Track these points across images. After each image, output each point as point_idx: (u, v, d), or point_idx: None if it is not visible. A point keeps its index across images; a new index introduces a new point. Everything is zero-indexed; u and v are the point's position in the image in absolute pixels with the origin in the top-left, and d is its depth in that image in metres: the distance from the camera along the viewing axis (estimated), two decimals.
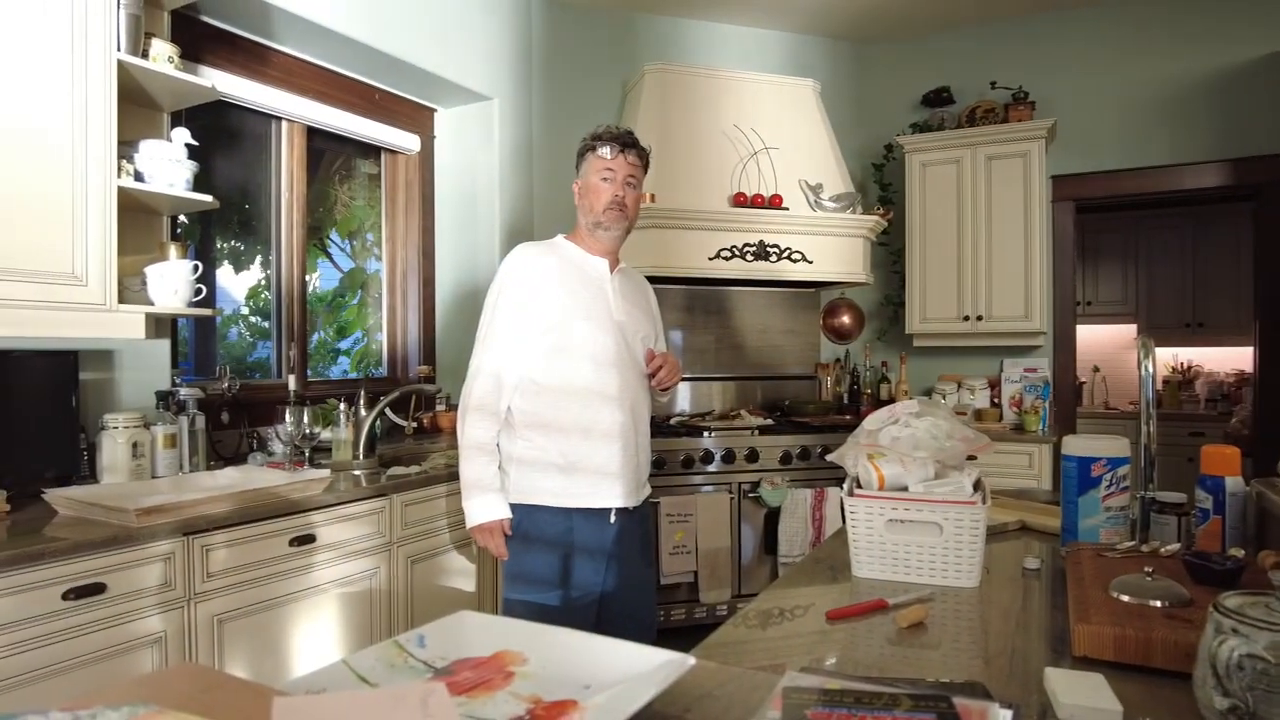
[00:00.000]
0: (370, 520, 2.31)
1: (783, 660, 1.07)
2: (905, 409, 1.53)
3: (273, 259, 3.12)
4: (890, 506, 1.37)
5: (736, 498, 3.45)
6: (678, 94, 3.87)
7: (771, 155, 3.82)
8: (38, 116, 1.84)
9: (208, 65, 2.69)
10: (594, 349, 1.96)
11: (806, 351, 4.44)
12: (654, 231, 3.55)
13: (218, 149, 2.87)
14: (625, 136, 2.03)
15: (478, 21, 3.51)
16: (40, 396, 2.06)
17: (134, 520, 1.74)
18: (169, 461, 2.24)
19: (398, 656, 0.69)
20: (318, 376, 3.31)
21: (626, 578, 2.01)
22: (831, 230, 3.82)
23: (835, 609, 1.22)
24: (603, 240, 2.04)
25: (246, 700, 0.53)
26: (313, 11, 2.75)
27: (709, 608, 3.38)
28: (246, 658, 1.98)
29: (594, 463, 1.95)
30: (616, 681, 0.65)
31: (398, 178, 3.68)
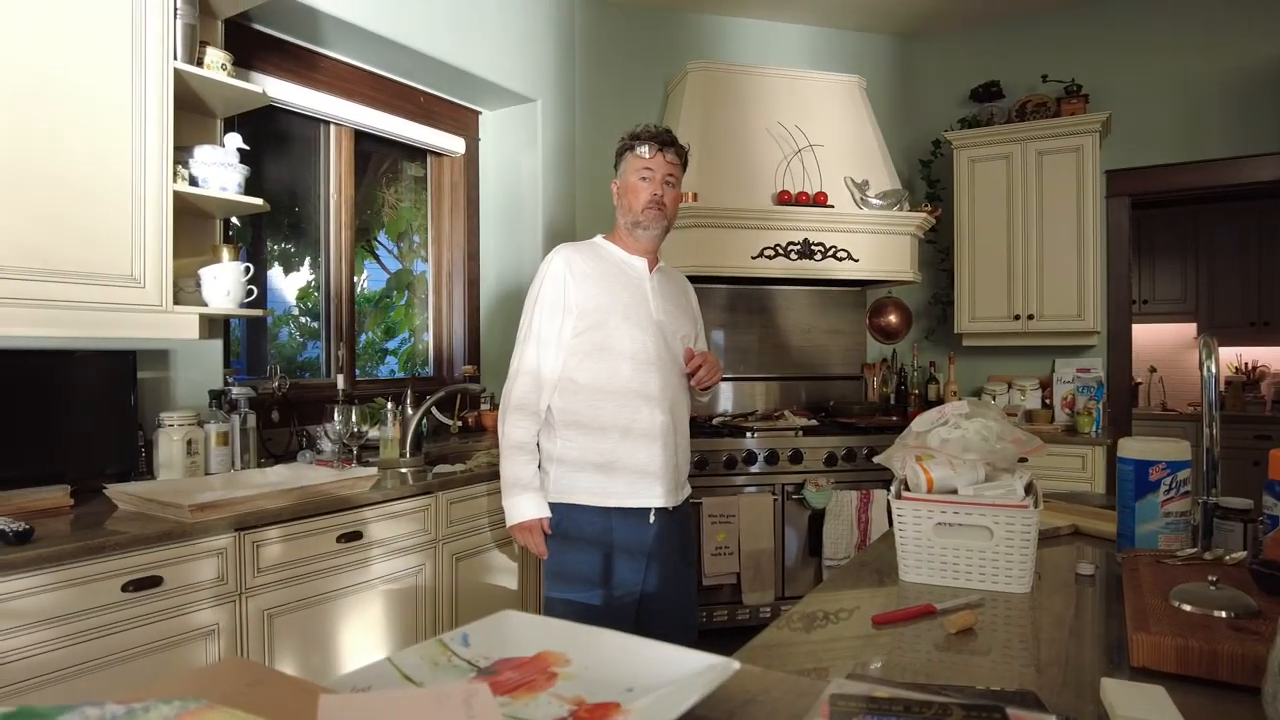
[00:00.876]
0: (416, 518, 2.34)
1: (827, 664, 1.05)
2: (955, 410, 1.50)
3: (322, 260, 3.18)
4: (939, 509, 1.34)
5: (780, 499, 3.42)
6: (720, 92, 3.85)
7: (816, 153, 3.78)
8: (100, 124, 1.90)
9: (259, 71, 2.76)
10: (633, 348, 1.96)
11: (852, 351, 4.38)
12: (696, 230, 3.54)
13: (268, 153, 2.93)
14: (663, 135, 2.02)
15: (521, 23, 3.53)
16: (101, 395, 2.13)
17: (188, 516, 1.79)
18: (222, 459, 2.30)
19: (442, 655, 0.70)
20: (366, 376, 3.37)
21: (667, 578, 2.01)
22: (878, 228, 3.76)
23: (882, 613, 1.20)
24: (642, 240, 2.04)
25: (292, 696, 0.54)
26: (360, 17, 2.80)
27: (752, 610, 3.36)
28: (295, 652, 2.02)
29: (633, 462, 1.95)
30: (659, 684, 0.65)
31: (443, 180, 3.73)
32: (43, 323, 1.81)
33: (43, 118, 1.80)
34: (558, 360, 1.97)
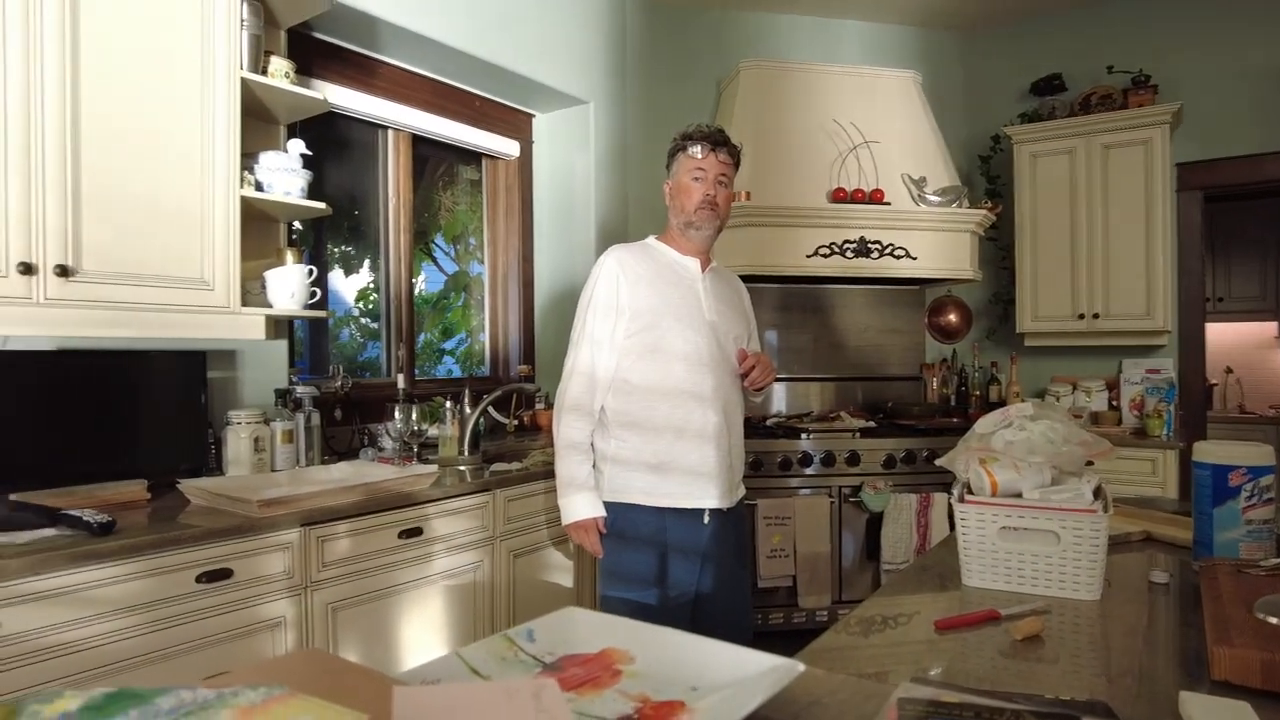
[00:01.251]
0: (474, 515, 2.37)
1: (888, 669, 1.04)
2: (1019, 411, 1.47)
3: (381, 263, 3.25)
4: (1004, 513, 1.31)
5: (837, 502, 3.38)
6: (774, 90, 3.82)
7: (872, 149, 3.73)
8: (172, 133, 1.98)
9: (320, 79, 2.83)
10: (685, 349, 1.96)
11: (910, 351, 4.30)
12: (750, 230, 3.52)
13: (329, 158, 3.01)
14: (716, 135, 2.02)
15: (574, 26, 3.56)
16: (174, 394, 2.21)
17: (256, 511, 1.84)
18: (287, 456, 2.37)
19: (508, 650, 0.71)
20: (424, 375, 3.43)
21: (722, 579, 2.00)
22: (936, 225, 3.69)
23: (944, 618, 1.18)
24: (694, 240, 2.04)
25: (365, 687, 0.55)
26: (418, 23, 2.85)
27: (808, 612, 3.32)
28: (358, 644, 2.06)
29: (687, 463, 1.95)
30: (724, 684, 0.65)
31: (498, 183, 3.77)
32: (121, 324, 1.89)
33: (121, 129, 1.88)
34: (611, 361, 1.98)
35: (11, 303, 1.71)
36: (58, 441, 1.97)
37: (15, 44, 1.70)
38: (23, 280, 1.72)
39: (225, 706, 0.44)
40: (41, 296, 1.75)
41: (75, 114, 1.80)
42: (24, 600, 1.49)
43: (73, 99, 1.79)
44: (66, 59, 1.78)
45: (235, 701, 0.44)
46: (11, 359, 1.91)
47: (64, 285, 1.78)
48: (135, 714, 0.44)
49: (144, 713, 0.44)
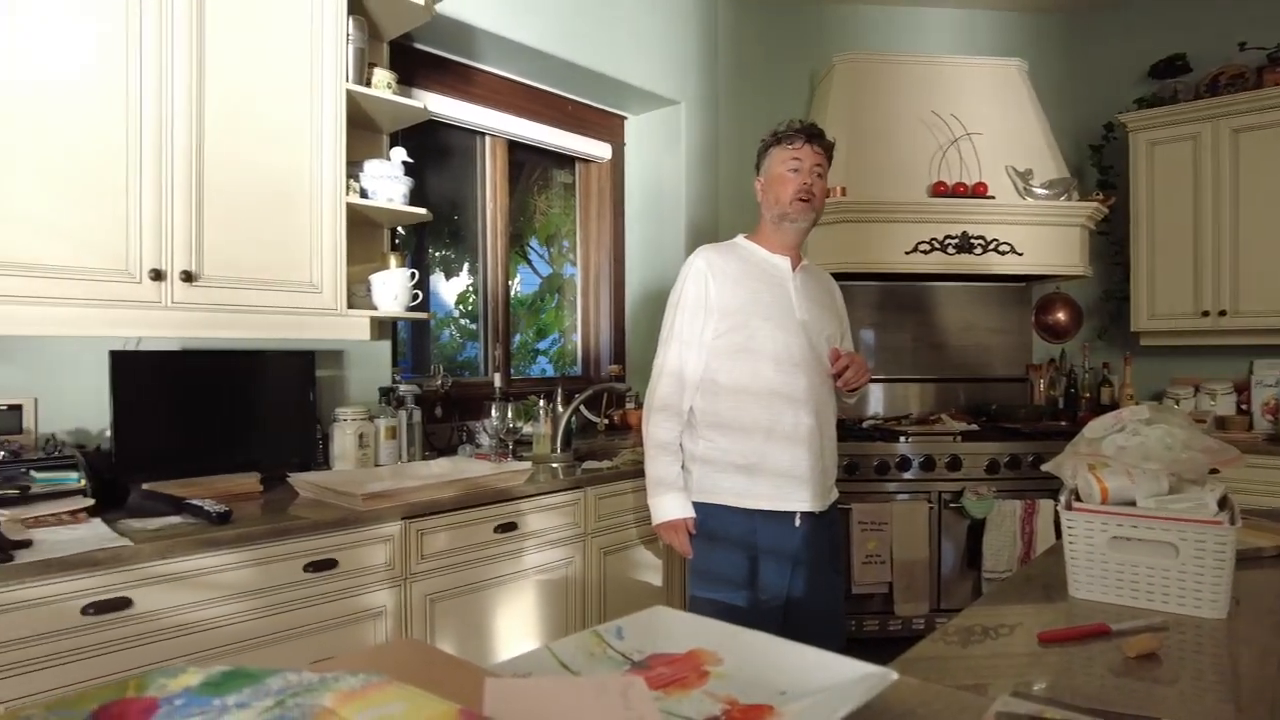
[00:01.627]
0: (566, 511, 2.41)
1: (986, 681, 1.00)
2: (1133, 415, 1.38)
3: (479, 266, 3.35)
4: (1115, 522, 1.24)
5: (936, 507, 3.27)
6: (870, 83, 3.73)
7: (974, 141, 3.59)
8: (283, 145, 2.09)
9: (420, 88, 2.93)
10: (775, 349, 1.93)
11: (1016, 351, 4.12)
12: (845, 226, 3.45)
13: (430, 165, 3.11)
14: (811, 127, 1.99)
15: (665, 26, 3.57)
16: (286, 391, 2.33)
17: (360, 504, 1.93)
18: (390, 451, 2.46)
19: (597, 646, 0.72)
20: (519, 375, 3.51)
21: (814, 583, 1.97)
22: (1043, 219, 3.52)
23: (1049, 630, 1.13)
24: (787, 233, 2.01)
25: (460, 677, 0.57)
26: (514, 31, 2.92)
27: (904, 620, 3.23)
28: (454, 635, 2.13)
29: (777, 465, 1.93)
30: (813, 690, 0.64)
31: (590, 185, 3.82)
32: (238, 325, 2.01)
33: (238, 143, 2.00)
34: (700, 361, 1.98)
35: (143, 306, 1.84)
36: (182, 435, 2.11)
37: (150, 72, 1.84)
38: (153, 285, 1.85)
39: (327, 690, 0.46)
40: (169, 300, 1.88)
41: (200, 131, 1.92)
42: (153, 582, 1.60)
43: (197, 118, 1.92)
44: (193, 82, 1.91)
45: (337, 686, 0.46)
46: (143, 359, 2.06)
47: (188, 289, 1.90)
48: (248, 692, 0.47)
49: (255, 691, 0.47)
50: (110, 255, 1.80)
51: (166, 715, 0.44)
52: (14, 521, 1.61)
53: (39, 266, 1.70)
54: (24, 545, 1.53)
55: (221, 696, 0.46)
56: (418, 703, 0.45)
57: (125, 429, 1.97)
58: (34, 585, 1.46)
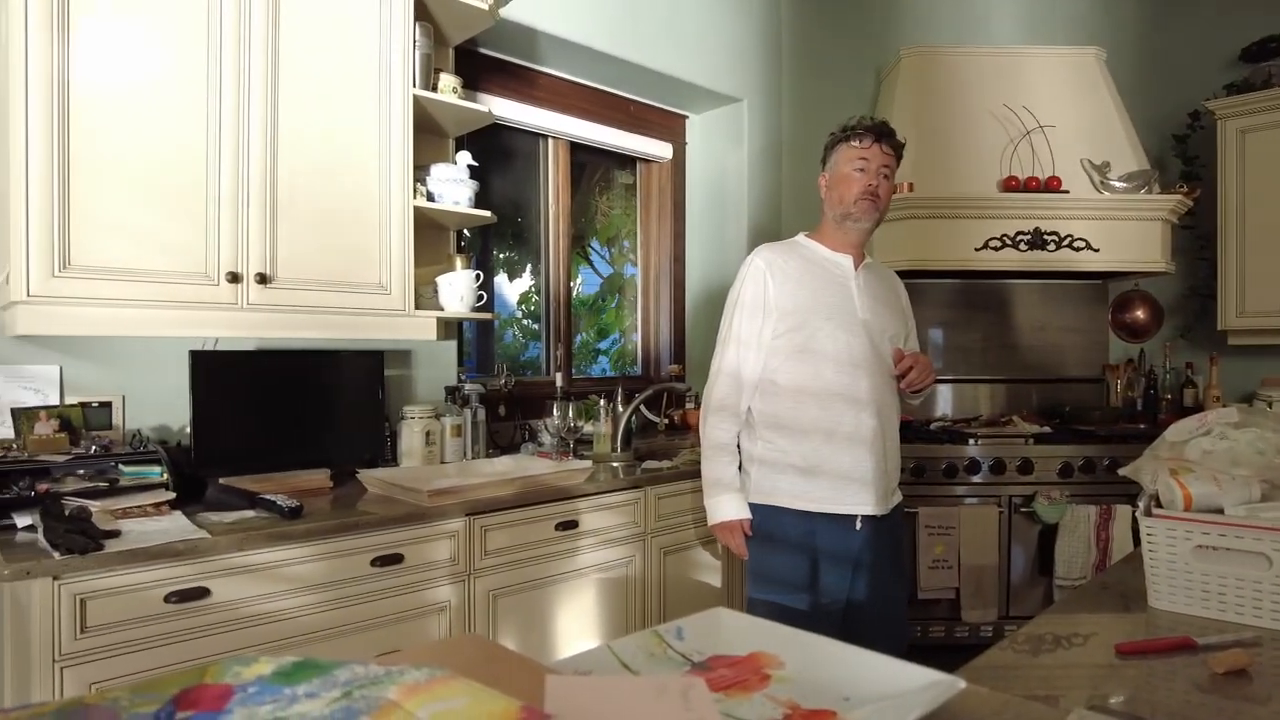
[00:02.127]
0: (626, 510, 2.42)
1: (1059, 692, 0.97)
2: (1220, 418, 1.32)
3: (542, 267, 3.39)
4: (1200, 531, 1.18)
5: (1006, 511, 3.17)
6: (937, 76, 3.64)
7: (1047, 134, 3.47)
8: (352, 151, 2.15)
9: (484, 92, 2.98)
10: (836, 350, 1.90)
11: (1091, 351, 3.97)
12: (912, 222, 3.37)
13: (493, 168, 3.16)
14: (880, 126, 1.95)
15: (727, 23, 3.55)
16: (356, 390, 2.39)
17: (426, 500, 1.97)
18: (455, 449, 2.51)
19: (657, 646, 0.72)
20: (580, 374, 3.54)
21: (876, 588, 1.93)
22: (1121, 213, 3.38)
23: (1127, 642, 1.08)
24: (850, 233, 1.98)
25: (521, 674, 0.57)
26: (577, 33, 2.95)
27: (971, 627, 3.14)
28: (515, 631, 2.16)
29: (838, 467, 1.89)
30: (877, 696, 0.62)
31: (652, 185, 3.83)
32: (310, 326, 2.07)
33: (310, 150, 2.06)
34: (758, 362, 1.96)
35: (221, 308, 1.92)
36: (257, 432, 2.18)
37: (229, 84, 1.91)
38: (230, 288, 1.92)
39: (393, 683, 0.47)
40: (245, 302, 1.95)
41: (274, 139, 1.99)
42: (229, 573, 1.66)
43: (271, 126, 1.99)
44: (268, 92, 1.98)
45: (402, 679, 0.47)
46: (221, 358, 2.14)
47: (263, 291, 1.97)
48: (317, 682, 0.48)
49: (324, 682, 0.48)
50: (190, 259, 1.87)
51: (241, 702, 0.46)
52: (104, 512, 1.69)
53: (128, 271, 1.79)
54: (113, 535, 1.60)
55: (292, 686, 0.48)
56: (480, 698, 0.45)
57: (203, 425, 2.05)
58: (122, 573, 1.54)
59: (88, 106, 1.74)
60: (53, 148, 1.69)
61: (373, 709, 0.45)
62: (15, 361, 1.94)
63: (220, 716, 0.45)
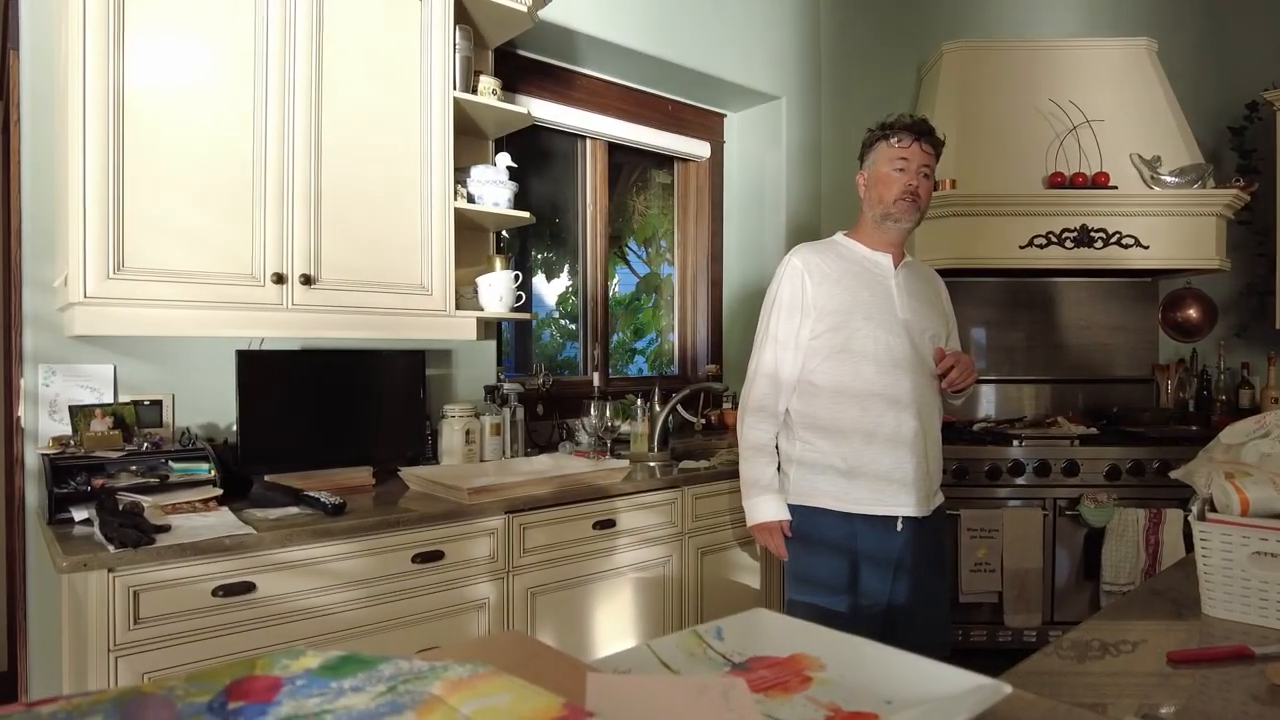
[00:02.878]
0: (664, 510, 2.42)
1: (1107, 700, 0.94)
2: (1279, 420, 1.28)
3: (579, 267, 3.40)
4: (1257, 536, 1.15)
5: (1051, 514, 3.11)
6: (981, 71, 3.58)
7: (1095, 129, 3.39)
8: (394, 153, 2.18)
9: (523, 94, 3.00)
10: (876, 350, 1.88)
11: (1141, 351, 3.87)
12: (955, 220, 3.32)
13: (532, 169, 3.18)
14: (920, 124, 1.92)
15: (765, 20, 3.53)
16: (397, 389, 2.43)
17: (466, 498, 1.99)
18: (494, 447, 2.53)
19: (697, 646, 0.72)
20: (617, 374, 3.54)
21: (917, 590, 1.91)
22: (1173, 209, 3.29)
23: (1180, 650, 1.05)
24: (889, 233, 1.95)
25: (562, 672, 0.58)
26: (615, 34, 2.95)
27: (1015, 632, 3.09)
28: (553, 628, 2.17)
29: (878, 468, 1.87)
30: (920, 700, 0.61)
31: (689, 185, 3.82)
32: (353, 326, 2.11)
33: (353, 153, 2.10)
34: (796, 362, 1.94)
35: (266, 308, 1.96)
36: (301, 429, 2.22)
37: (275, 88, 1.95)
38: (275, 289, 1.96)
39: (437, 678, 0.48)
40: (289, 303, 1.98)
41: (317, 142, 2.03)
42: (275, 568, 1.70)
43: (315, 129, 2.02)
44: (312, 95, 2.01)
45: (445, 674, 0.48)
46: (266, 358, 2.18)
47: (307, 292, 2.01)
48: (362, 677, 0.49)
49: (369, 676, 0.49)
50: (237, 261, 1.92)
51: (289, 694, 0.47)
52: (156, 508, 1.74)
53: (178, 273, 1.83)
54: (164, 530, 1.65)
55: (338, 680, 0.48)
56: (523, 694, 0.46)
57: (249, 424, 2.10)
58: (172, 567, 1.58)
59: (140, 114, 1.79)
60: (108, 155, 1.74)
61: (417, 704, 0.46)
62: (73, 361, 2.01)
63: (269, 708, 0.46)
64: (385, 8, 2.15)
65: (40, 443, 1.94)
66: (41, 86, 1.97)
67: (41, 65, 1.98)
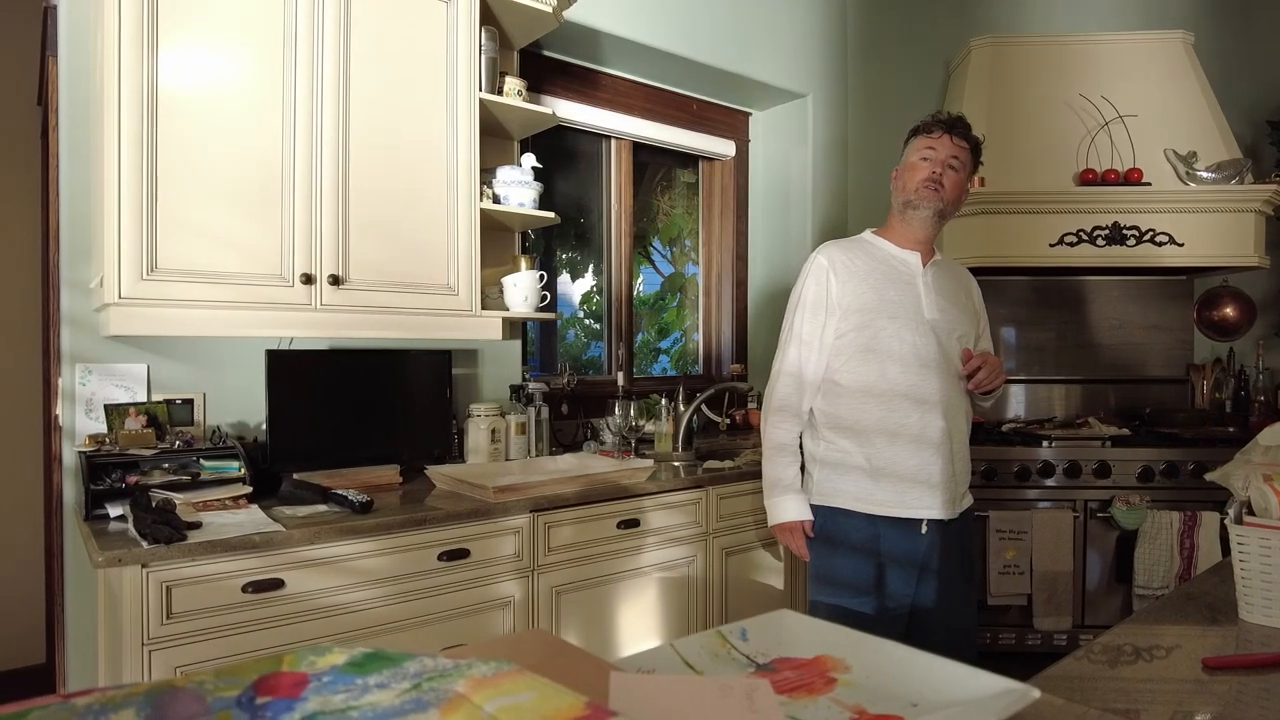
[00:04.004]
0: (688, 510, 2.41)
1: (1139, 706, 0.93)
2: None
3: (604, 267, 3.40)
4: None
5: (1081, 516, 3.06)
6: (1010, 67, 3.53)
7: (1128, 124, 3.33)
8: (421, 154, 2.19)
9: (547, 94, 3.01)
10: (901, 350, 1.85)
11: (1175, 350, 3.80)
12: (984, 218, 3.28)
13: (557, 169, 3.19)
14: (954, 119, 1.92)
15: (791, 18, 3.51)
16: (424, 388, 2.45)
17: (492, 496, 2.00)
18: (519, 446, 2.54)
19: (721, 647, 0.71)
20: (642, 374, 3.54)
21: (943, 592, 1.88)
22: (1209, 205, 3.23)
23: (1216, 656, 1.03)
24: (913, 224, 1.93)
25: (586, 670, 0.58)
26: (639, 33, 2.95)
27: (1044, 635, 3.04)
28: (578, 627, 2.17)
29: (903, 469, 1.85)
30: (946, 704, 0.61)
31: (714, 184, 3.81)
32: (381, 326, 2.13)
33: (380, 154, 2.12)
34: (820, 362, 1.93)
35: (296, 308, 1.98)
36: (329, 428, 2.25)
37: (303, 92, 1.98)
38: (304, 289, 1.99)
39: (461, 676, 0.48)
40: (318, 303, 2.01)
41: (345, 144, 2.05)
42: (303, 565, 1.72)
43: (343, 132, 2.04)
44: (340, 99, 2.04)
45: (470, 672, 0.48)
46: (295, 357, 2.21)
47: (335, 293, 2.03)
48: (387, 673, 0.49)
49: (394, 674, 0.49)
50: (266, 262, 1.94)
51: (316, 690, 0.48)
52: (187, 505, 1.77)
53: (209, 274, 1.86)
54: (195, 526, 1.68)
55: (364, 676, 0.49)
56: (546, 693, 0.46)
57: (278, 422, 2.13)
58: (204, 563, 1.60)
59: (172, 118, 1.82)
60: (142, 158, 1.77)
61: (441, 701, 0.46)
62: (108, 360, 2.04)
63: (296, 703, 0.46)
64: (411, 10, 2.16)
65: (77, 440, 1.98)
66: (78, 92, 2.02)
67: (79, 72, 2.02)
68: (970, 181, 2.01)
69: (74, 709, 0.42)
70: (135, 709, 0.43)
